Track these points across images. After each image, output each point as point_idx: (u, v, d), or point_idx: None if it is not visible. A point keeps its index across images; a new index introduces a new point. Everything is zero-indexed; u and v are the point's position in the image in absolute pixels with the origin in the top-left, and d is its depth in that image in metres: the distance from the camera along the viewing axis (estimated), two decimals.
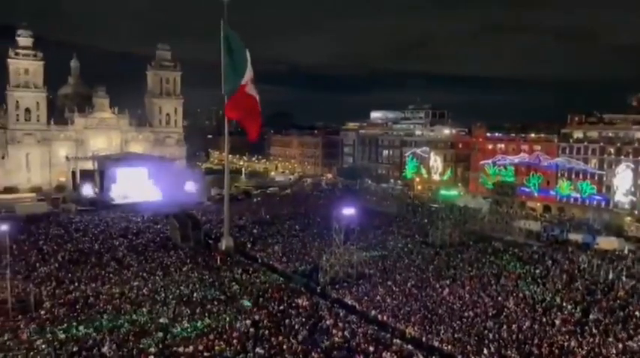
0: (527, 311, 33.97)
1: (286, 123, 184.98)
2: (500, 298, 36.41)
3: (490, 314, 33.19)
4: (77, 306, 33.17)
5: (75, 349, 26.31)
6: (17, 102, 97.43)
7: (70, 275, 40.40)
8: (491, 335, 29.50)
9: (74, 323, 29.95)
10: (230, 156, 71.97)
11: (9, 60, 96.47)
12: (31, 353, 25.88)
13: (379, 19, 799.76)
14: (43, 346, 26.77)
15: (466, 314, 33.11)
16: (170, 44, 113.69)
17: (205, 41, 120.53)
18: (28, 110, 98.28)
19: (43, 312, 32.05)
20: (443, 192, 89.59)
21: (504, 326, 30.88)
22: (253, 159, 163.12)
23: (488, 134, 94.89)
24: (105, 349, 26.22)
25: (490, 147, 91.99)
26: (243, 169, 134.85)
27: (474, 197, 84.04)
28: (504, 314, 33.29)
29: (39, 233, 56.21)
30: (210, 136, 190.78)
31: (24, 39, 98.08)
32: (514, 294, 37.26)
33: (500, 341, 28.73)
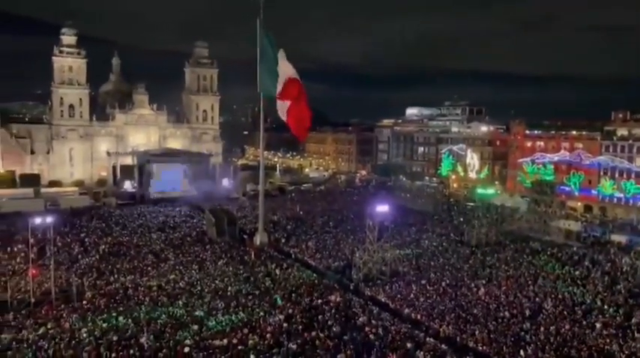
0: (566, 313, 33.08)
1: (321, 121, 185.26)
2: (537, 299, 35.57)
3: (527, 315, 32.48)
4: (117, 297, 34.13)
5: (115, 338, 27.07)
6: (61, 98, 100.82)
7: (110, 267, 41.61)
8: (528, 337, 28.88)
9: (114, 314, 30.81)
10: (265, 152, 72.65)
11: (54, 58, 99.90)
12: (73, 341, 26.70)
13: (412, 17, 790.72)
14: (85, 335, 27.63)
15: (502, 314, 32.50)
16: (208, 42, 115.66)
17: (241, 39, 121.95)
18: (71, 106, 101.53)
19: (84, 302, 33.10)
20: (479, 190, 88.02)
21: (542, 328, 30.17)
22: (288, 155, 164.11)
23: (527, 131, 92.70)
24: (143, 340, 26.84)
25: (529, 144, 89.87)
26: (277, 166, 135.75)
27: (511, 196, 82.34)
28: (542, 315, 32.52)
29: (81, 226, 58.09)
30: (245, 133, 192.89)
31: (68, 37, 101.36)
32: (552, 296, 36.34)
33: (538, 343, 28.10)
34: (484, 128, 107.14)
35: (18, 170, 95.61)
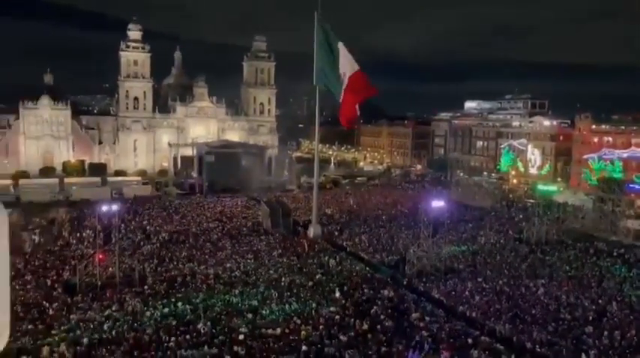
0: (632, 317, 31.43)
1: (377, 114, 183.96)
2: (601, 302, 33.96)
3: (590, 318, 31.09)
4: (176, 284, 35.38)
5: (174, 323, 28.14)
6: (127, 91, 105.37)
7: (170, 254, 43.19)
8: (590, 341, 27.68)
9: (173, 299, 31.96)
10: (320, 145, 72.99)
11: (121, 52, 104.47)
12: (135, 324, 27.96)
13: (472, 7, 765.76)
14: (145, 318, 28.88)
15: (562, 316, 31.28)
16: (266, 35, 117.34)
17: (299, 32, 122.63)
18: (136, 99, 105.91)
19: (146, 287, 34.52)
20: (540, 186, 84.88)
21: (605, 332, 28.80)
22: (343, 148, 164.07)
23: (594, 126, 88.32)
24: (200, 325, 27.74)
25: (595, 140, 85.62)
26: (332, 159, 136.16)
27: (574, 193, 78.94)
28: (606, 319, 31.05)
29: (143, 214, 60.54)
30: (301, 125, 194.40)
31: (134, 32, 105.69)
32: (618, 299, 34.59)
33: (601, 348, 26.88)
34: (547, 122, 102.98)
35: (87, 159, 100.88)
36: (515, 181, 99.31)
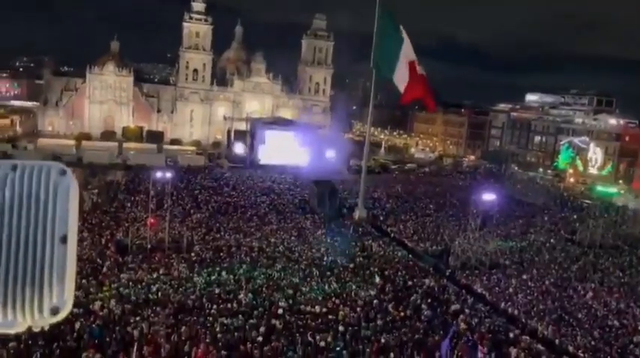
0: None
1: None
2: None
3: (639, 328, 29.87)
4: (221, 253, 36.34)
5: (217, 291, 29.01)
6: (187, 62, 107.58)
7: (217, 224, 44.32)
8: (638, 351, 26.61)
9: (217, 268, 32.88)
10: (371, 128, 72.47)
11: (184, 23, 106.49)
12: (181, 288, 29.00)
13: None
14: (190, 284, 29.90)
15: (610, 323, 30.17)
16: (326, 14, 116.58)
17: (361, 12, 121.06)
18: (195, 71, 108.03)
19: (192, 254, 35.65)
20: (599, 187, 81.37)
21: None
22: (394, 133, 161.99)
23: None
24: (241, 296, 28.47)
25: None
26: (382, 143, 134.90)
27: (636, 197, 75.16)
28: None
29: (195, 183, 62.22)
30: (354, 107, 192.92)
31: (197, 4, 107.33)
32: None
33: None
34: (613, 121, 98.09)
35: (146, 126, 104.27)
36: (572, 180, 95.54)
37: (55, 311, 1.55)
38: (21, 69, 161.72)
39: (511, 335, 27.28)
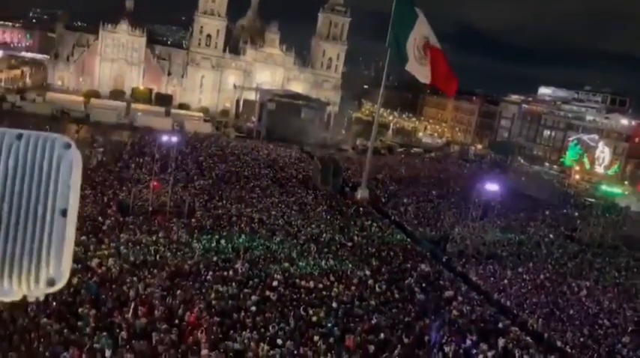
0: None
1: None
2: None
3: (630, 329, 30.06)
4: (221, 222, 36.55)
5: (214, 259, 29.29)
6: (202, 27, 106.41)
7: (220, 192, 44.49)
8: (625, 351, 26.86)
9: (216, 236, 33.12)
10: (381, 109, 71.99)
11: None
12: (178, 253, 29.26)
13: None
14: (188, 249, 30.15)
15: (601, 321, 30.39)
16: None
17: None
18: (209, 36, 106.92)
19: (193, 220, 35.88)
20: (604, 187, 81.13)
21: None
22: (403, 116, 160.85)
23: None
24: (238, 265, 28.73)
25: None
26: (391, 125, 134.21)
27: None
28: None
29: (200, 150, 62.23)
30: (366, 86, 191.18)
31: None
32: None
33: None
34: (624, 121, 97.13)
35: (155, 88, 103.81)
36: (577, 177, 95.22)
37: (51, 283, 1.55)
38: (34, 20, 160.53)
39: (500, 325, 27.55)
